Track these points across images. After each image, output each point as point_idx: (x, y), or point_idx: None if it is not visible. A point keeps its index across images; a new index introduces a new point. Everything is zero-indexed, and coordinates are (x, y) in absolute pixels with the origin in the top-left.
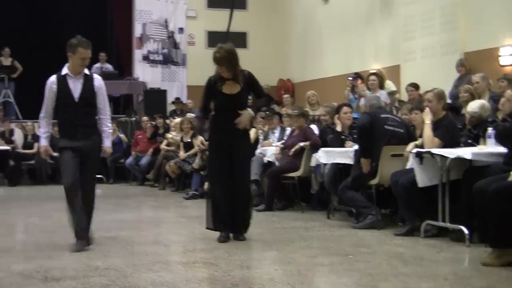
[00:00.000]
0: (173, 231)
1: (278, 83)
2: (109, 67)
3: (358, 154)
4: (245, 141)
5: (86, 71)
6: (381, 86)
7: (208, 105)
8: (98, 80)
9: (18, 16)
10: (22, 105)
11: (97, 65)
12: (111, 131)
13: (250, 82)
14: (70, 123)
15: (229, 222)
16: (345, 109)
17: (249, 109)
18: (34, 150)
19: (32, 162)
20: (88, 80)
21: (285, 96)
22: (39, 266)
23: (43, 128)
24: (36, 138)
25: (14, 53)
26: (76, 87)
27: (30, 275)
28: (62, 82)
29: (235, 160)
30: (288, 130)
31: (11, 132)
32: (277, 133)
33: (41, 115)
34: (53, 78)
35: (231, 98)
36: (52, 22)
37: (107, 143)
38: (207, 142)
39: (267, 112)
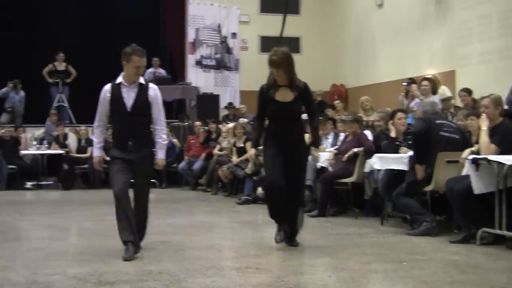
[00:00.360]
0: (225, 236)
1: (331, 88)
2: (162, 72)
3: (412, 160)
4: (301, 148)
5: (142, 80)
6: (434, 92)
7: (262, 113)
8: (153, 90)
9: (72, 21)
10: (76, 110)
11: (150, 70)
12: (165, 142)
13: (304, 94)
14: (122, 133)
15: (286, 220)
16: (399, 115)
17: (304, 116)
18: (87, 155)
19: (86, 166)
20: (143, 90)
21: (336, 102)
22: (93, 270)
23: (97, 138)
24: (89, 142)
25: (68, 58)
26: (129, 96)
27: (85, 278)
28: (116, 91)
29: (291, 168)
30: (342, 136)
31: (65, 136)
32: (330, 138)
33: (95, 124)
34: (107, 87)
35: (284, 106)
36: (105, 28)
37: (160, 155)
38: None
39: (321, 118)
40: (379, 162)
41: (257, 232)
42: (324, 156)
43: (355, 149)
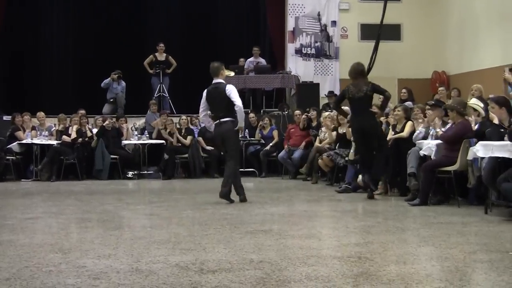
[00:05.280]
0: (326, 225)
1: (433, 76)
2: (262, 61)
3: None
4: None
5: None
6: None
7: None
8: None
9: (172, 12)
10: (176, 100)
11: (251, 59)
12: None
13: None
14: None
15: None
16: (491, 104)
17: None
18: (187, 141)
19: (186, 155)
20: None
21: (440, 89)
22: (195, 258)
23: None
24: (189, 131)
25: (168, 48)
26: None
27: (186, 267)
28: None
29: None
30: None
31: (165, 126)
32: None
33: None
34: None
35: None
36: (205, 19)
37: None
38: None
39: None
40: (482, 150)
41: (358, 221)
42: (426, 144)
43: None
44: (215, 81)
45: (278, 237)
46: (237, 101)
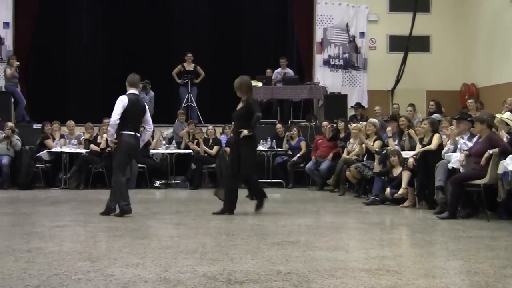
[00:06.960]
0: (354, 237)
1: (462, 88)
2: (289, 72)
3: None
4: None
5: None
6: None
7: None
8: None
9: (200, 22)
10: (204, 109)
11: (278, 70)
12: None
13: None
14: None
15: None
16: None
17: None
18: (213, 152)
19: (213, 165)
20: None
21: (469, 101)
22: (222, 268)
23: None
24: (216, 141)
25: (195, 58)
26: None
27: (214, 277)
28: None
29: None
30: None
31: (194, 136)
32: (465, 138)
33: None
34: None
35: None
36: (233, 29)
37: None
38: None
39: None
40: None
41: (385, 233)
42: (455, 157)
43: (491, 151)
44: (133, 91)
45: (306, 248)
46: (151, 122)
